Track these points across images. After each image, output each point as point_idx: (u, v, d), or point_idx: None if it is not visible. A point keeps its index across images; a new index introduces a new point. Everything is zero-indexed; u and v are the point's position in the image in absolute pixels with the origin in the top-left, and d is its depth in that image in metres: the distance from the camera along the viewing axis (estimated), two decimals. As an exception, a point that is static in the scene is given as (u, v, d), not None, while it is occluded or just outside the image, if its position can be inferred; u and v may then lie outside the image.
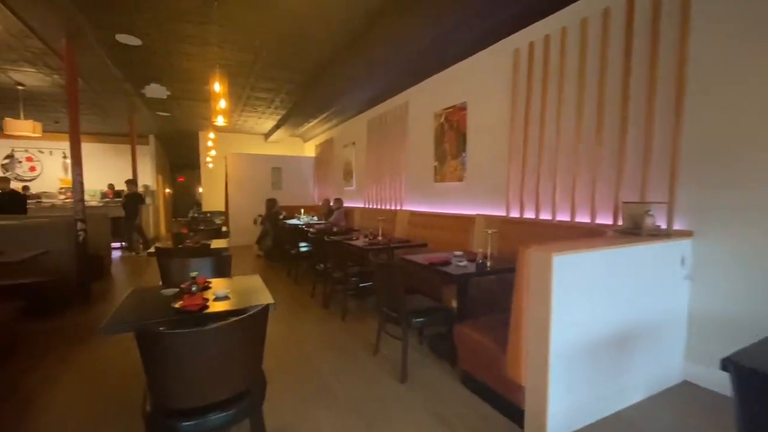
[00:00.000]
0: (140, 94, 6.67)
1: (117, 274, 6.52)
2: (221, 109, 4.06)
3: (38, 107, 7.36)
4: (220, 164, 10.53)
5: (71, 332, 3.83)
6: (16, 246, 4.14)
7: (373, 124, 6.93)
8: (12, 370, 3.01)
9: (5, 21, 4.04)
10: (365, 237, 4.79)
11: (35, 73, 5.67)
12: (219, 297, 2.11)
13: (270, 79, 6.16)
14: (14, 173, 10.24)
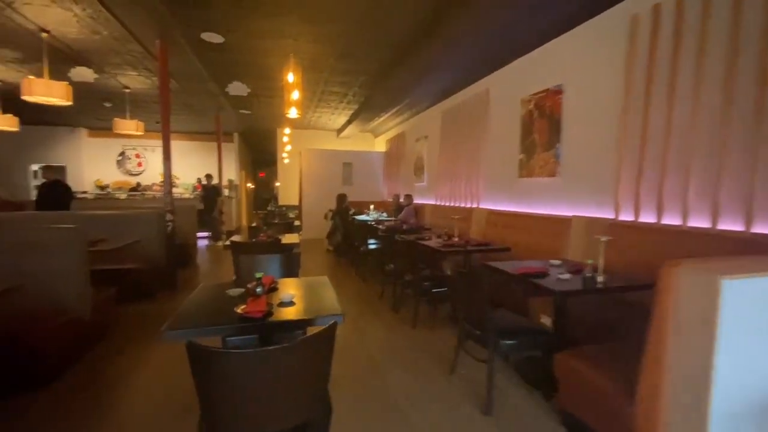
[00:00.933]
0: (224, 92, 7.01)
1: (201, 263, 6.97)
2: (294, 100, 3.99)
3: (142, 108, 8.17)
4: (295, 160, 10.88)
5: (158, 318, 4.04)
6: (115, 235, 4.50)
7: (448, 115, 6.48)
8: (104, 351, 3.20)
9: (109, 26, 4.38)
10: (438, 237, 4.41)
11: (137, 76, 6.21)
12: (284, 302, 1.91)
13: (344, 72, 6.03)
14: (125, 168, 11.64)
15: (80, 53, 5.21)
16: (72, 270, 2.93)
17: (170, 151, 5.03)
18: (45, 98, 4.41)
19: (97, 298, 3.25)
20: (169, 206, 4.96)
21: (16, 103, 7.30)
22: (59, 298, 2.88)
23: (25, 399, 2.39)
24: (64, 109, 8.50)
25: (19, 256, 2.83)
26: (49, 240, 2.90)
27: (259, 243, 3.77)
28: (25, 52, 5.11)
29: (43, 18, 4.17)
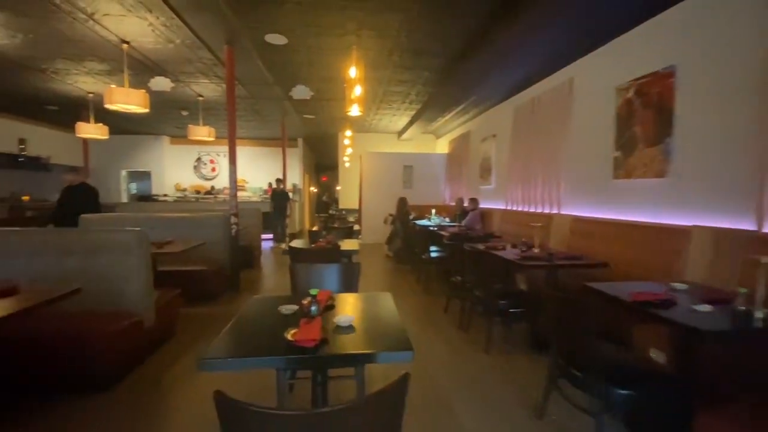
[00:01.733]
0: (288, 96, 7.06)
1: (265, 264, 7.06)
2: (356, 97, 3.74)
3: (214, 116, 8.59)
4: (356, 164, 10.80)
5: (221, 320, 4.03)
6: (183, 237, 4.60)
7: (522, 111, 5.86)
8: (170, 350, 3.19)
9: (181, 34, 4.50)
10: (513, 246, 3.88)
11: (208, 83, 6.46)
12: (341, 326, 1.60)
13: (407, 69, 5.71)
14: (201, 173, 12.45)
15: (158, 63, 5.49)
16: (136, 273, 2.92)
17: (236, 155, 5.08)
18: (124, 105, 4.66)
19: (161, 301, 3.24)
20: (234, 209, 5.00)
21: (107, 114, 8.05)
22: (123, 300, 2.88)
23: (86, 402, 2.37)
24: (148, 118, 9.27)
25: (89, 258, 2.88)
26: (115, 242, 2.91)
27: (318, 250, 3.55)
28: (110, 64, 5.50)
29: (122, 29, 4.39)
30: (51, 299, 2.09)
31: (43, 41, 4.73)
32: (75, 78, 6.19)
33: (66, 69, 5.77)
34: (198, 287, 4.47)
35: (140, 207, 9.26)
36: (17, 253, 2.83)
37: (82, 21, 4.16)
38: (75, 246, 2.88)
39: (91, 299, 2.75)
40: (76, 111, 7.89)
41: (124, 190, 11.89)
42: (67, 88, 6.67)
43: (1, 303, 1.99)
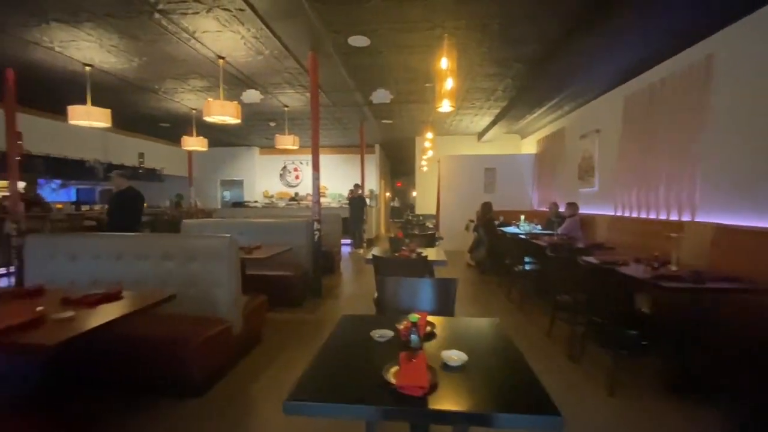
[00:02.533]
0: (368, 102, 7.01)
1: (344, 269, 7.04)
2: (447, 91, 3.42)
3: (298, 125, 8.94)
4: (434, 168, 10.45)
5: (306, 326, 3.99)
6: (269, 242, 4.69)
7: (636, 99, 4.99)
8: (257, 358, 3.17)
9: (269, 44, 4.63)
10: (638, 261, 3.20)
11: (293, 93, 6.66)
12: (451, 367, 1.27)
13: (496, 62, 5.23)
14: (286, 180, 13.16)
15: (249, 76, 5.78)
16: (226, 279, 2.92)
17: (319, 162, 5.08)
18: (220, 117, 4.92)
19: (249, 307, 3.24)
20: (316, 215, 5.00)
21: (207, 128, 8.82)
22: (214, 306, 2.89)
23: (178, 407, 2.37)
24: (241, 130, 10.01)
25: (184, 263, 2.96)
26: (206, 248, 2.95)
27: (405, 261, 3.28)
28: (209, 80, 5.93)
29: (218, 45, 4.64)
30: (149, 306, 2.11)
31: (154, 63, 5.23)
32: (181, 96, 6.83)
33: (174, 88, 6.38)
34: (282, 292, 4.50)
35: (232, 213, 10.00)
36: (126, 255, 3.01)
37: (185, 40, 4.48)
38: (173, 251, 2.99)
39: (184, 303, 2.81)
40: (182, 126, 8.79)
41: (219, 197, 13.06)
42: (175, 105, 7.41)
43: (108, 307, 2.06)
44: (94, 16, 3.93)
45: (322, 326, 4.00)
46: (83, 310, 1.96)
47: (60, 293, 2.26)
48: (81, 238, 3.23)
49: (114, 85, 6.06)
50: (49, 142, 7.81)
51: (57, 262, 3.06)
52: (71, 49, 4.70)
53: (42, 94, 6.34)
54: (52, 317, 1.79)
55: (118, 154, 9.81)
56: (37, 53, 4.80)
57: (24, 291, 2.25)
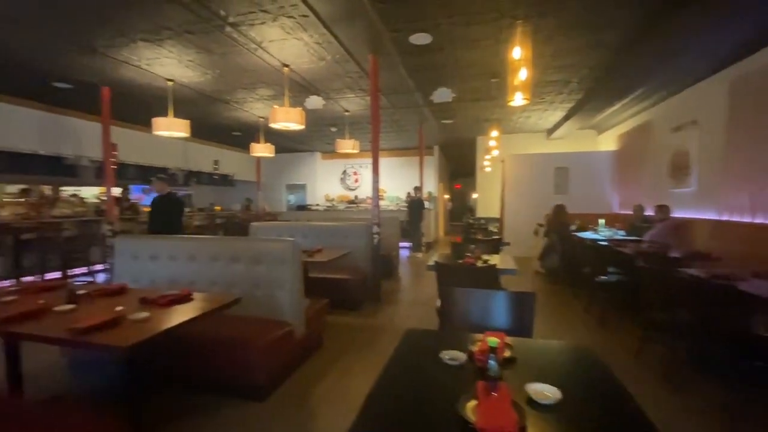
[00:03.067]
0: (428, 102, 6.83)
1: (403, 274, 6.90)
2: (520, 83, 3.12)
3: (358, 129, 9.02)
4: (497, 168, 9.94)
5: (366, 331, 3.92)
6: (330, 245, 4.71)
7: (746, 85, 4.23)
8: (318, 363, 3.15)
9: (331, 49, 4.65)
10: (757, 276, 2.65)
11: (354, 97, 6.70)
12: (541, 405, 1.06)
13: (571, 51, 4.76)
14: (346, 184, 13.42)
15: (312, 83, 5.90)
16: (289, 282, 2.92)
17: (378, 164, 5.01)
18: (285, 123, 5.07)
19: (310, 310, 3.23)
20: (376, 219, 4.92)
21: (273, 135, 9.23)
22: (277, 309, 2.91)
23: (242, 409, 2.39)
24: (304, 136, 10.36)
25: (251, 265, 3.01)
26: (270, 251, 2.98)
27: (469, 268, 3.05)
28: (274, 88, 6.16)
29: (283, 53, 4.78)
30: (214, 309, 2.14)
31: (226, 75, 5.55)
32: (250, 105, 7.21)
33: (243, 98, 6.74)
34: (342, 296, 4.48)
35: (296, 215, 10.36)
36: (199, 257, 3.15)
37: (252, 50, 4.67)
38: (240, 253, 3.06)
39: (250, 305, 2.86)
40: (251, 134, 9.32)
41: (284, 200, 13.68)
42: (245, 114, 7.85)
43: (179, 308, 2.13)
44: (174, 34, 4.24)
45: (382, 332, 3.89)
46: (157, 311, 2.04)
47: (139, 293, 2.40)
48: (160, 241, 3.46)
49: (192, 97, 6.55)
50: (139, 152, 8.72)
51: (140, 262, 3.30)
52: (155, 65, 5.14)
53: (132, 109, 7.06)
54: (130, 317, 1.87)
55: (196, 162, 10.69)
56: (128, 72, 5.33)
57: (109, 289, 2.41)
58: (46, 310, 2.01)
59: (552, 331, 3.85)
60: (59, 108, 7.14)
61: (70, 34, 4.21)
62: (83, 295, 2.28)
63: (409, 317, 4.40)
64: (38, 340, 1.73)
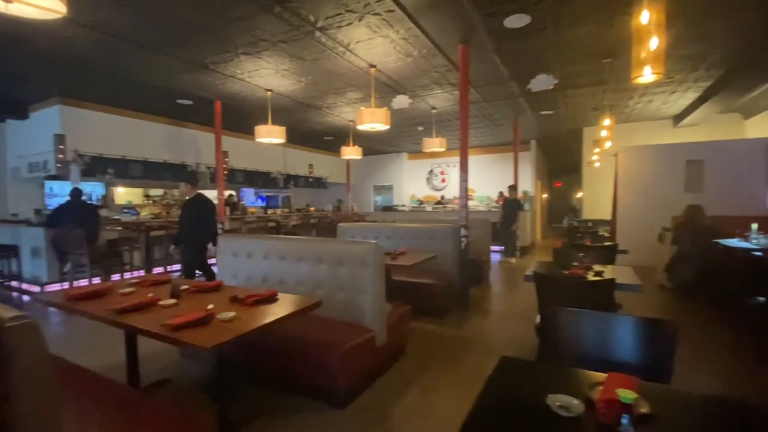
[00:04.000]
0: (525, 92, 6.22)
1: (494, 280, 6.40)
2: (651, 53, 2.50)
3: (445, 126, 8.71)
4: (608, 163, 8.69)
5: (451, 342, 3.64)
6: (415, 247, 4.52)
7: None
8: (400, 372, 2.99)
9: (418, 44, 4.47)
10: None
11: (441, 93, 6.42)
12: None
13: (713, 18, 3.82)
14: (432, 184, 13.15)
15: (398, 81, 5.80)
16: (371, 286, 2.81)
17: (467, 162, 4.68)
18: (371, 125, 5.04)
19: (392, 316, 3.07)
20: (464, 220, 4.59)
21: (361, 138, 9.43)
22: (359, 313, 2.81)
23: (322, 415, 2.33)
24: (391, 137, 10.39)
25: (334, 267, 2.97)
26: (352, 254, 2.89)
27: (578, 282, 2.57)
28: (362, 91, 6.20)
29: (370, 54, 4.74)
30: (296, 312, 2.11)
31: (318, 81, 5.75)
32: (340, 109, 7.43)
33: (334, 102, 6.96)
34: (426, 302, 4.25)
35: (382, 216, 10.45)
36: (287, 257, 3.23)
37: (341, 54, 4.73)
38: (325, 255, 3.05)
39: (333, 308, 2.82)
40: (341, 138, 9.66)
41: (372, 201, 13.97)
42: (336, 119, 8.13)
43: (264, 308, 2.14)
44: (270, 45, 4.49)
45: (470, 346, 3.57)
46: (244, 310, 2.07)
47: (231, 291, 2.51)
48: (255, 240, 3.64)
49: (288, 105, 6.98)
50: (245, 158, 9.66)
51: (239, 260, 3.51)
52: (256, 77, 5.55)
53: (238, 119, 7.82)
54: (218, 317, 1.91)
55: (294, 166, 11.49)
56: (234, 85, 5.86)
57: (207, 286, 2.56)
58: (153, 303, 2.18)
59: (694, 372, 2.94)
60: (182, 122, 8.26)
61: (186, 55, 4.75)
62: (185, 291, 2.45)
63: (501, 331, 3.98)
64: (140, 333, 1.86)
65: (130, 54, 4.66)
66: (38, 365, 1.07)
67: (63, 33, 4.05)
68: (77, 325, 4.10)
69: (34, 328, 1.07)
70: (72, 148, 6.52)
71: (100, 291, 2.45)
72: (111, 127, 7.14)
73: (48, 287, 5.47)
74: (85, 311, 2.15)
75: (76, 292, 2.38)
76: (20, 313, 1.05)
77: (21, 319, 1.04)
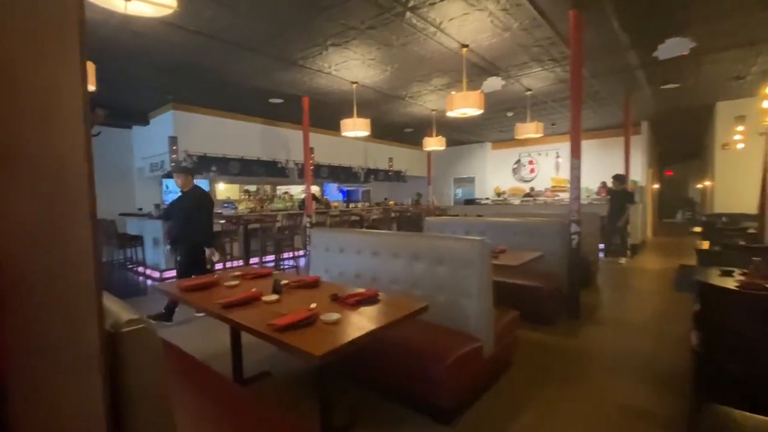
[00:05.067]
0: (646, 62, 5.26)
1: (603, 284, 5.58)
2: None
3: (540, 110, 7.88)
4: (754, 145, 7.08)
5: (562, 355, 3.16)
6: (514, 244, 4.05)
7: None
8: (509, 387, 2.64)
9: (519, 14, 3.96)
10: None
11: (540, 71, 5.73)
12: None
13: None
14: (519, 175, 12.19)
15: (491, 61, 5.29)
16: (477, 288, 2.48)
17: (580, 146, 4.06)
18: (463, 110, 4.65)
19: (499, 323, 2.71)
20: (575, 215, 3.99)
21: (443, 128, 9.01)
22: (463, 319, 2.50)
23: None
24: (475, 126, 9.79)
25: (432, 265, 2.70)
26: (455, 251, 2.58)
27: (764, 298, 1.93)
28: (450, 75, 5.81)
29: (463, 32, 4.34)
30: (403, 318, 1.88)
31: (403, 68, 5.50)
32: (423, 98, 7.11)
33: (418, 91, 6.67)
34: (530, 306, 3.76)
35: (464, 210, 9.92)
36: (381, 253, 3.03)
37: (431, 35, 4.41)
38: (421, 251, 2.79)
39: (432, 310, 2.53)
40: (422, 130, 9.35)
41: (452, 194, 13.44)
42: (418, 109, 7.84)
43: (367, 310, 1.96)
44: (358, 33, 4.34)
45: (589, 361, 3.04)
46: (347, 311, 1.91)
47: (330, 288, 2.38)
48: (347, 234, 3.53)
49: (372, 98, 6.87)
50: (329, 154, 9.88)
51: (331, 254, 3.43)
52: (342, 70, 5.49)
53: (324, 115, 7.95)
54: (322, 318, 1.76)
55: (374, 160, 11.50)
56: (321, 80, 5.90)
57: (306, 281, 2.47)
58: (257, 298, 2.13)
59: None
60: (273, 120, 8.68)
61: (278, 52, 4.84)
62: (285, 285, 2.38)
63: (625, 345, 3.35)
64: (247, 330, 1.78)
65: (229, 56, 4.89)
66: (152, 374, 0.96)
67: (173, 39, 4.36)
68: (188, 309, 4.43)
69: (151, 335, 0.96)
70: (182, 149, 7.21)
71: (208, 283, 2.50)
72: (213, 128, 7.76)
73: (166, 273, 6.11)
74: (196, 303, 2.17)
75: (188, 284, 2.45)
76: (136, 317, 0.94)
77: (137, 324, 0.93)
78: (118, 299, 1.09)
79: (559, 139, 10.64)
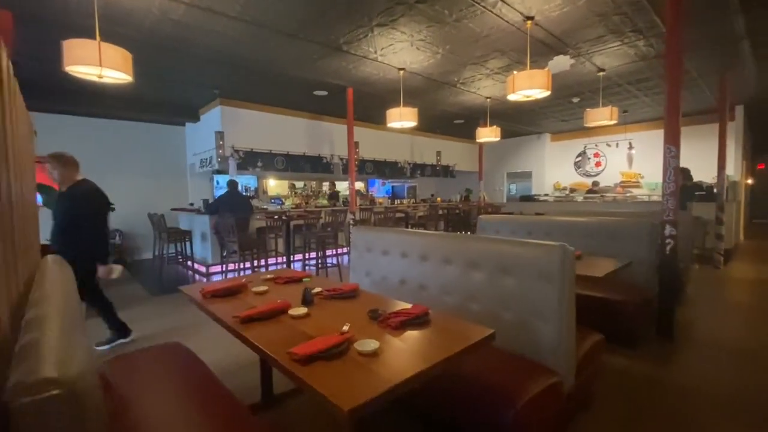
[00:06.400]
0: (752, 31, 4.28)
1: (696, 296, 4.68)
2: None
3: (613, 94, 6.94)
4: None
5: (661, 387, 2.52)
6: (588, 248, 3.40)
7: None
8: (599, 424, 2.10)
9: (602, -29, 3.28)
10: None
11: (618, 47, 4.91)
12: None
13: None
14: (583, 169, 11.06)
15: (559, 37, 4.59)
16: (556, 308, 1.95)
17: (679, 132, 3.33)
18: (527, 92, 4.04)
19: (580, 349, 2.16)
20: (670, 214, 3.26)
21: (497, 118, 8.30)
22: (535, 345, 1.99)
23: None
24: (535, 116, 8.93)
25: (495, 276, 2.20)
26: (526, 259, 2.07)
27: None
28: (510, 56, 5.16)
29: (528, 2, 3.73)
30: (464, 349, 1.42)
31: (456, 49, 4.96)
32: (477, 84, 6.50)
33: (471, 76, 6.08)
34: (610, 324, 3.11)
35: (521, 207, 9.13)
36: (431, 257, 2.58)
37: (490, 7, 3.85)
38: (480, 258, 2.30)
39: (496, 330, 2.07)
40: (474, 122, 8.68)
41: (505, 190, 12.55)
42: (471, 97, 7.22)
43: (414, 336, 1.53)
44: (407, 9, 3.89)
45: (687, 396, 2.40)
46: (388, 337, 1.49)
47: (370, 299, 1.99)
48: (392, 234, 3.11)
49: (420, 86, 6.39)
50: (374, 148, 9.53)
51: (373, 255, 3.04)
52: (389, 55, 5.07)
53: (368, 108, 7.58)
54: (356, 347, 1.36)
55: (421, 155, 10.99)
56: (365, 67, 5.52)
57: (342, 290, 2.09)
58: (284, 311, 1.79)
59: None
60: (318, 114, 8.48)
61: (321, 36, 4.52)
62: (317, 295, 2.03)
63: (731, 373, 2.63)
64: (262, 356, 1.43)
65: (273, 43, 4.65)
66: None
67: (214, 27, 4.18)
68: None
69: (70, 405, 0.60)
70: (229, 144, 7.21)
71: (234, 288, 2.21)
72: (259, 123, 7.70)
73: (212, 267, 6.11)
74: (212, 313, 1.88)
75: (211, 288, 2.17)
76: (53, 375, 0.59)
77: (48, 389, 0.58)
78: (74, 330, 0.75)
79: (631, 128, 9.44)
